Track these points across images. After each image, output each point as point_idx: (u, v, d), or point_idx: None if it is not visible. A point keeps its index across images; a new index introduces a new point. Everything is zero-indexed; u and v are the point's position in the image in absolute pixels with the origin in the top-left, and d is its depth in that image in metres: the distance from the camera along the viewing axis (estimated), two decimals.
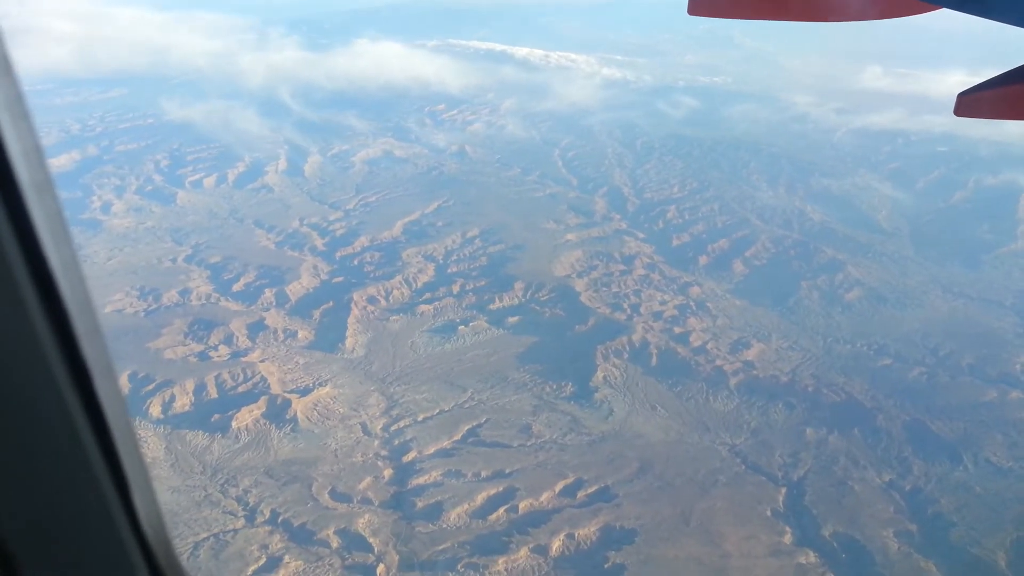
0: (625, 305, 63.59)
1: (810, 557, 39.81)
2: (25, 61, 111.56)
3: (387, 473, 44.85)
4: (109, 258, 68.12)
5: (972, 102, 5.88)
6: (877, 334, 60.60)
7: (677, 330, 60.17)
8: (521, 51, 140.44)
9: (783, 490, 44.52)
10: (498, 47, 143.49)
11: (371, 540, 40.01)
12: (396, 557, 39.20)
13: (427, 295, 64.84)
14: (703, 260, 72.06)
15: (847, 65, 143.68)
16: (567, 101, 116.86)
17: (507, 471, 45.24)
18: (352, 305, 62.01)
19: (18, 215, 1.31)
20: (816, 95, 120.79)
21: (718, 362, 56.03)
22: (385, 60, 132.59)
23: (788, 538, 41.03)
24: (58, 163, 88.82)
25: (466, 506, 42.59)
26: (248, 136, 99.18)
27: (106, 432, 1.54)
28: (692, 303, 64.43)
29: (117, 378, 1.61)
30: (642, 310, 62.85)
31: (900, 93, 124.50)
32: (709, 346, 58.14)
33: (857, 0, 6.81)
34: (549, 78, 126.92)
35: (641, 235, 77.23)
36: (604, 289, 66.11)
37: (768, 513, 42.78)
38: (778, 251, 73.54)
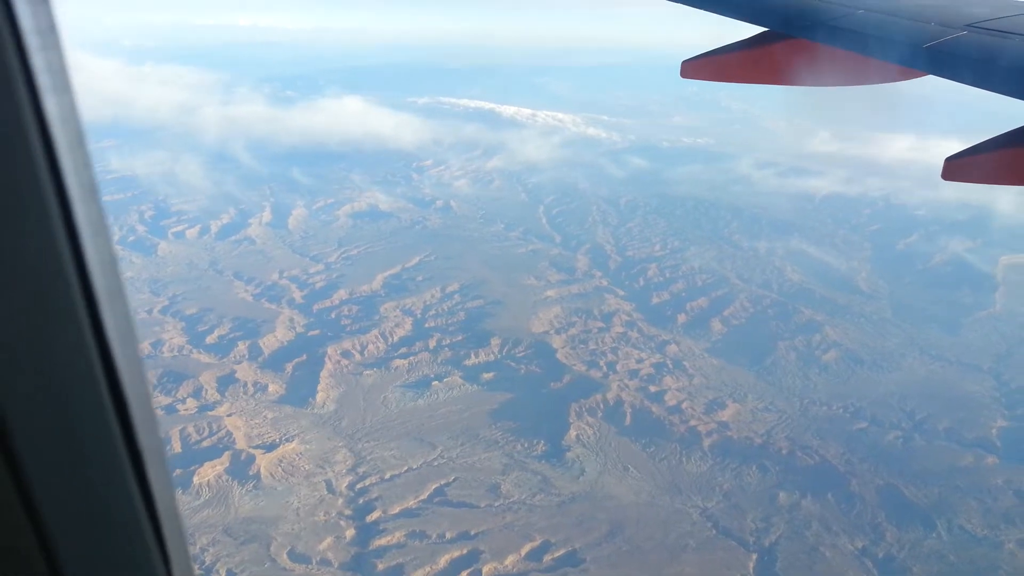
0: (602, 363, 63.24)
1: None
2: None
3: (349, 533, 43.79)
4: None
5: (961, 166, 5.86)
6: (853, 396, 60.25)
7: (653, 388, 59.72)
8: (509, 110, 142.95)
9: (754, 556, 43.57)
10: (487, 105, 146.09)
11: None
12: None
13: (403, 349, 64.43)
14: (682, 318, 72.03)
15: (830, 128, 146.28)
16: (550, 159, 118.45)
17: (473, 532, 44.24)
18: (326, 359, 61.50)
19: (72, 236, 1.38)
20: (798, 158, 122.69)
21: (692, 422, 55.45)
22: (373, 118, 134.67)
23: None
24: None
25: (428, 569, 41.52)
26: (234, 188, 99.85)
27: (137, 450, 1.59)
28: (669, 361, 64.12)
29: (150, 396, 1.69)
30: (618, 368, 62.48)
31: (882, 158, 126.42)
32: (684, 405, 57.63)
33: (838, 69, 6.89)
34: (533, 137, 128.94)
35: (621, 292, 77.35)
36: (581, 346, 65.83)
37: None
38: (756, 311, 73.60)
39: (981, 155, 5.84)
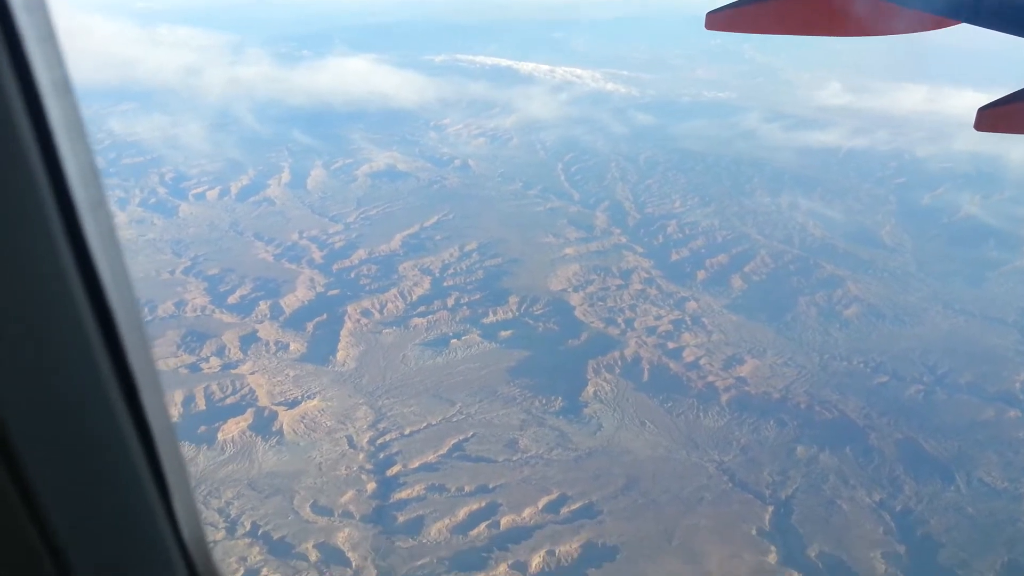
0: (619, 320, 63.23)
1: None
2: None
3: (370, 487, 44.65)
4: None
5: (995, 116, 5.75)
6: (874, 351, 59.85)
7: (671, 345, 59.71)
8: (527, 66, 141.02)
9: (770, 508, 43.88)
10: (504, 62, 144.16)
11: (349, 554, 39.79)
12: (374, 572, 38.96)
13: (421, 308, 64.82)
14: (701, 275, 71.61)
15: (855, 80, 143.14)
16: (569, 116, 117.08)
17: (491, 486, 44.91)
18: (346, 318, 62.07)
19: (73, 230, 1.42)
20: (822, 111, 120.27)
21: (710, 378, 55.49)
22: (388, 78, 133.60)
23: (772, 557, 40.41)
24: None
25: (447, 521, 42.29)
26: (252, 150, 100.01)
27: (150, 437, 1.65)
28: (688, 318, 63.95)
29: (162, 388, 1.75)
30: (636, 325, 62.45)
31: (909, 110, 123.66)
32: (702, 362, 57.63)
33: (869, 16, 6.74)
34: (551, 94, 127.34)
35: (640, 249, 76.92)
36: (599, 304, 65.80)
37: (753, 532, 42.16)
38: (777, 266, 72.95)
39: (1016, 104, 5.70)
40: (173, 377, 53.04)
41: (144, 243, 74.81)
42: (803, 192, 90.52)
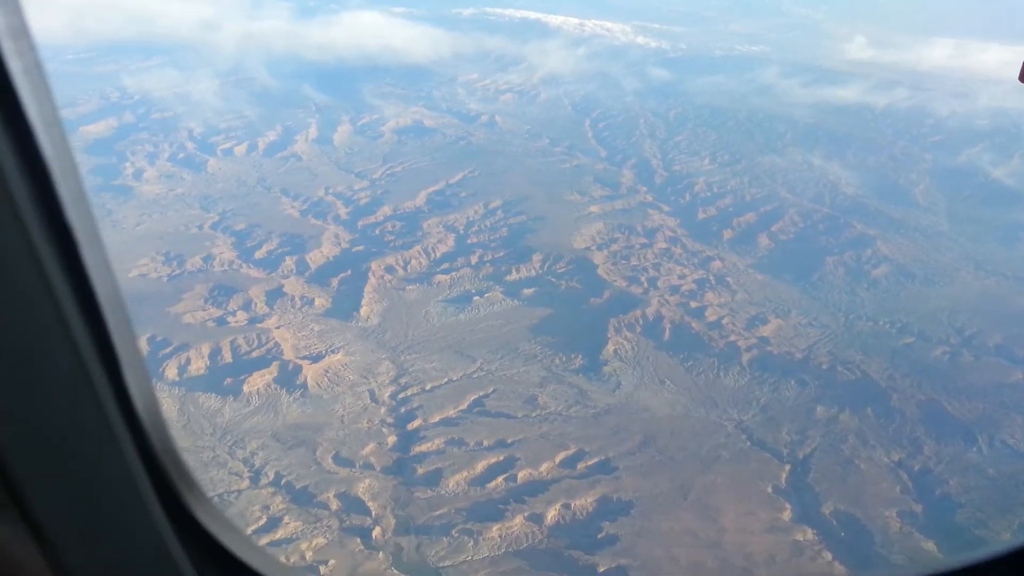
0: (643, 279, 63.00)
1: (807, 534, 39.39)
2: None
3: (391, 440, 45.53)
4: (138, 223, 69.81)
5: None
6: (902, 312, 59.08)
7: (693, 304, 59.46)
8: (556, 19, 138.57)
9: (787, 467, 43.99)
10: (533, 15, 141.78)
11: (370, 504, 40.78)
12: (393, 521, 39.92)
13: (445, 265, 65.13)
14: (727, 234, 70.88)
15: (894, 36, 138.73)
16: (597, 71, 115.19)
17: (509, 441, 45.54)
18: (370, 274, 62.63)
19: (45, 190, 1.43)
20: (857, 66, 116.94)
21: (732, 337, 55.29)
22: (416, 32, 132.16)
23: (787, 515, 40.63)
24: (95, 130, 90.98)
25: (465, 474, 43.06)
26: (280, 106, 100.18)
27: (125, 392, 1.73)
28: (712, 277, 63.52)
29: (138, 345, 1.85)
30: (660, 284, 62.21)
31: (947, 67, 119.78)
32: (725, 321, 57.37)
33: None
34: (580, 48, 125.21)
35: (667, 208, 76.21)
36: (623, 262, 65.55)
37: (769, 490, 42.36)
38: (806, 225, 71.93)
39: None
40: (201, 330, 54.22)
41: (173, 198, 75.78)
42: (836, 150, 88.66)
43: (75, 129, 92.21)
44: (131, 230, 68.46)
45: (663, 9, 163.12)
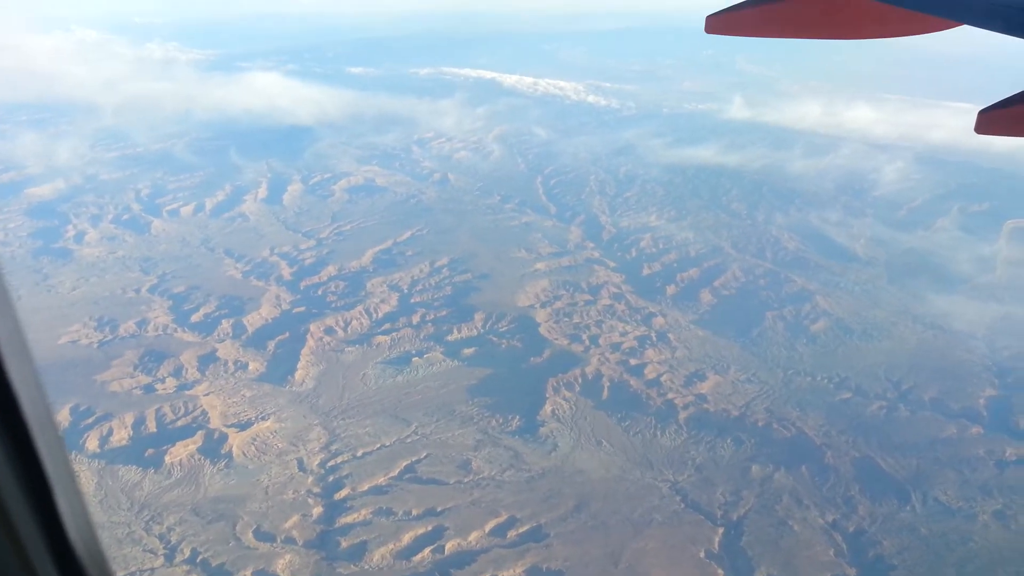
0: (584, 336, 62.77)
1: None
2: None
3: (316, 511, 44.17)
4: (74, 288, 68.49)
5: (995, 119, 5.50)
6: (839, 367, 59.29)
7: (633, 362, 59.21)
8: (511, 79, 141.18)
9: (720, 530, 43.28)
10: (488, 75, 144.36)
11: None
12: None
13: (386, 325, 64.43)
14: (671, 290, 71.17)
15: (846, 90, 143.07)
16: (549, 129, 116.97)
17: (439, 509, 44.41)
18: (308, 336, 61.70)
19: None
20: (805, 123, 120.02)
21: (670, 395, 54.96)
22: (370, 92, 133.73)
23: None
24: (40, 192, 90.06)
25: (391, 546, 41.78)
26: (230, 165, 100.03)
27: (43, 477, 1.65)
28: (653, 334, 63.46)
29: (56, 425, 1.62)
30: (601, 341, 61.99)
31: (893, 120, 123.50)
32: (664, 379, 57.10)
33: (868, 17, 6.44)
34: (532, 106, 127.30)
35: (612, 264, 76.56)
36: (565, 320, 65.37)
37: (701, 555, 41.57)
38: (747, 281, 72.49)
39: (1017, 107, 5.41)
40: (126, 398, 52.74)
41: (113, 261, 74.67)
42: (780, 206, 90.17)
43: (20, 191, 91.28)
44: (66, 295, 67.11)
45: (619, 69, 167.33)
